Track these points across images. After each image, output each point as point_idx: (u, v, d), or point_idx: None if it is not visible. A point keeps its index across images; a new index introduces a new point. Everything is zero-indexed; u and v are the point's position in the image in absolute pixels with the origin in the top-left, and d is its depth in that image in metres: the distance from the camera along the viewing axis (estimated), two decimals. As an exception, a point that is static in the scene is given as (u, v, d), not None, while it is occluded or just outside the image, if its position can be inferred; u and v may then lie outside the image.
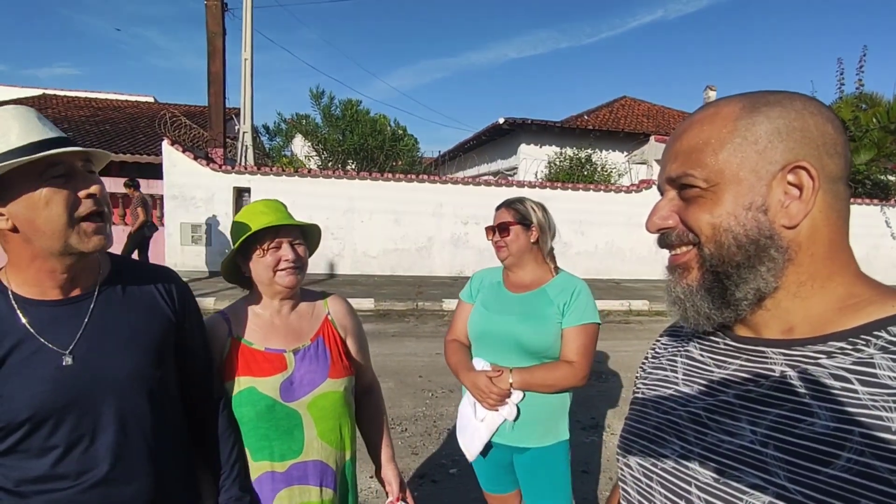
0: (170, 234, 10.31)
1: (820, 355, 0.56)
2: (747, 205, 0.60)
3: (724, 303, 0.63)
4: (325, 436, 1.35)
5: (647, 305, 8.78)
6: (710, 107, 0.65)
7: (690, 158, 0.63)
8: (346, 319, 1.48)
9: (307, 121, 16.87)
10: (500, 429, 1.71)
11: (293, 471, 1.31)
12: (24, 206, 0.92)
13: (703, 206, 0.63)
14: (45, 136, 0.93)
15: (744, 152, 0.60)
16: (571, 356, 1.68)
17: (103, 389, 1.00)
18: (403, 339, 6.39)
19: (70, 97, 19.76)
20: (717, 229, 0.61)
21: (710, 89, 17.83)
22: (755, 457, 0.55)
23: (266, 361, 1.31)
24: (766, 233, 0.59)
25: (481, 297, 1.86)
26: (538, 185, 11.40)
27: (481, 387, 1.67)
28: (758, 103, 0.61)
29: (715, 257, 0.62)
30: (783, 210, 0.59)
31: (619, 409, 4.29)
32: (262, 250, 1.31)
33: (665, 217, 0.67)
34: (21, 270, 0.99)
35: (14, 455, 0.96)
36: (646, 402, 0.74)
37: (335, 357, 1.38)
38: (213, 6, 11.19)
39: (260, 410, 1.27)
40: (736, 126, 0.61)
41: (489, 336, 1.77)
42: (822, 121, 0.60)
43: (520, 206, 1.83)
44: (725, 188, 0.61)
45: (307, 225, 1.40)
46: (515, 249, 1.78)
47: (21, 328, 0.97)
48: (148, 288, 1.14)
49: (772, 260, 0.60)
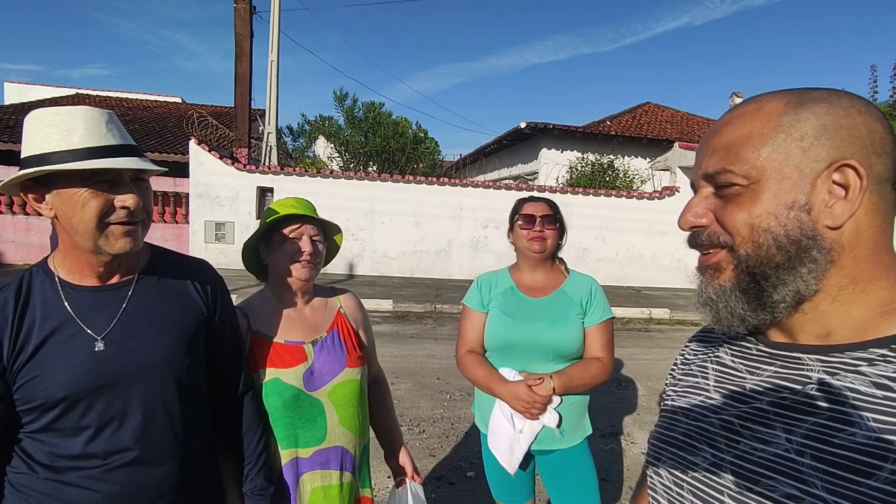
0: (194, 231, 10.51)
1: (860, 362, 0.54)
2: (790, 203, 0.57)
3: (761, 304, 0.60)
4: (346, 422, 1.40)
5: (667, 314, 8.65)
6: (752, 102, 0.63)
7: (730, 154, 0.61)
8: (357, 313, 1.56)
9: (330, 122, 17.03)
10: (543, 436, 1.67)
11: (317, 456, 1.37)
12: (65, 202, 0.96)
13: (741, 205, 0.60)
14: (106, 142, 0.97)
15: (788, 149, 0.58)
16: (598, 352, 1.71)
17: (134, 375, 1.04)
18: (421, 341, 6.40)
19: (102, 97, 20.35)
20: (756, 230, 0.59)
21: (737, 96, 17.51)
22: (791, 466, 0.53)
23: (287, 353, 1.35)
24: (809, 233, 0.57)
25: (499, 304, 1.77)
26: (559, 189, 11.33)
27: (524, 397, 1.61)
28: (803, 99, 0.59)
29: (752, 258, 0.60)
30: (827, 210, 0.57)
31: (639, 416, 4.23)
32: (282, 236, 1.37)
33: (700, 214, 0.64)
34: (66, 257, 1.05)
35: (49, 433, 1.00)
36: (676, 409, 0.73)
37: (350, 348, 1.44)
38: (241, 9, 11.41)
39: (286, 400, 1.32)
40: (780, 122, 0.59)
41: (517, 345, 1.71)
42: (870, 119, 0.57)
43: (555, 204, 1.82)
44: (766, 186, 0.58)
45: (330, 224, 1.47)
46: (551, 245, 1.76)
47: (65, 312, 1.01)
48: (183, 279, 1.18)
49: (814, 261, 0.57)
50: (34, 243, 10.51)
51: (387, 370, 1.77)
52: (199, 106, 19.18)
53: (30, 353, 0.98)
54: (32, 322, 0.99)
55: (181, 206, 11.25)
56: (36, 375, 0.97)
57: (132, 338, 1.05)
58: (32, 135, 0.96)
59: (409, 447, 1.63)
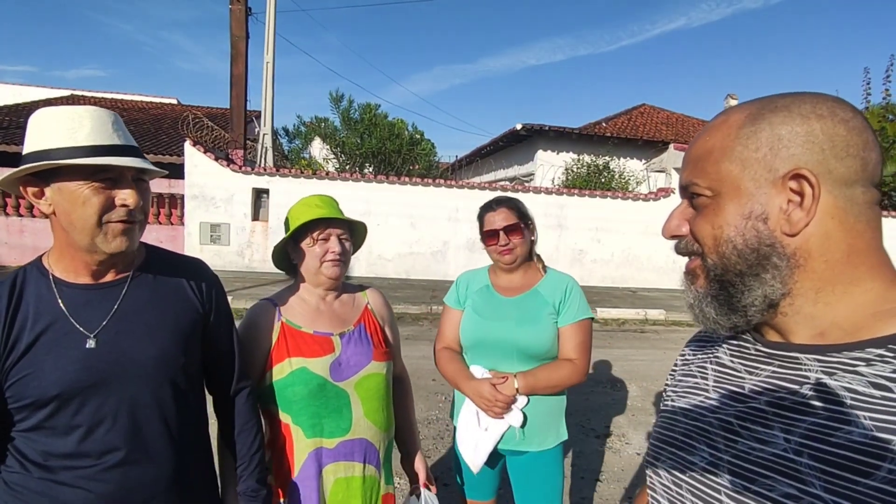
0: (189, 233, 10.48)
1: (858, 362, 0.54)
2: (747, 214, 0.60)
3: (731, 309, 0.63)
4: (371, 415, 1.41)
5: (663, 315, 8.67)
6: (722, 114, 0.65)
7: (697, 167, 0.64)
8: (384, 310, 1.59)
9: (326, 124, 17.04)
10: (509, 436, 1.67)
11: (341, 447, 1.37)
12: (66, 198, 0.97)
13: (706, 216, 0.63)
14: (111, 141, 0.99)
15: (744, 161, 0.60)
16: (571, 354, 1.65)
17: (127, 373, 1.04)
18: (417, 342, 6.40)
19: (97, 98, 20.26)
20: (718, 240, 0.62)
21: (732, 98, 17.61)
22: (789, 465, 0.54)
23: (315, 343, 1.38)
24: (767, 241, 0.59)
25: (471, 302, 1.78)
26: (555, 191, 11.36)
27: (486, 395, 1.61)
28: (763, 110, 0.60)
29: (718, 266, 0.63)
30: (785, 218, 0.58)
31: (634, 417, 4.24)
32: (312, 239, 1.41)
33: (677, 225, 0.68)
34: (62, 254, 1.05)
35: (42, 431, 1.00)
36: (675, 409, 0.74)
37: (376, 342, 1.47)
38: (237, 10, 11.40)
39: (312, 389, 1.33)
40: (738, 134, 0.61)
41: (486, 343, 1.70)
42: (830, 123, 0.57)
43: (519, 203, 1.74)
44: (727, 197, 0.61)
45: (356, 222, 1.49)
46: (522, 252, 1.70)
47: (57, 309, 1.01)
48: (178, 277, 1.18)
49: (775, 267, 0.59)
50: (28, 245, 10.46)
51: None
52: (194, 107, 19.14)
53: (22, 350, 0.98)
54: (25, 319, 0.99)
55: (176, 208, 11.20)
56: (28, 373, 0.97)
57: (126, 336, 1.05)
58: (37, 131, 0.97)
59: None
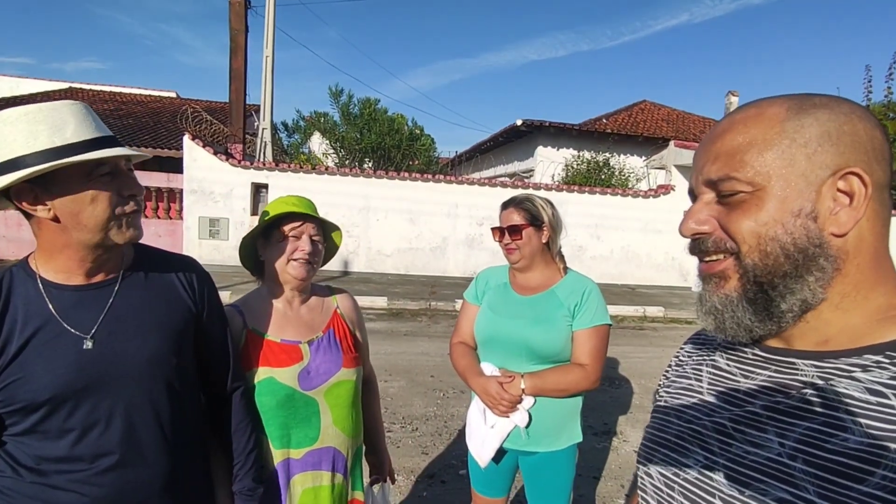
0: (188, 227, 10.46)
1: (854, 368, 0.54)
2: (796, 211, 0.57)
3: (768, 314, 0.60)
4: (339, 423, 1.40)
5: (662, 312, 8.68)
6: (752, 107, 0.62)
7: (734, 160, 0.59)
8: (354, 314, 1.55)
9: (325, 119, 16.96)
10: (514, 435, 1.66)
11: (308, 457, 1.36)
12: (70, 200, 0.94)
13: (746, 212, 0.59)
14: (97, 134, 0.96)
15: (792, 155, 0.57)
16: (583, 359, 1.63)
17: (122, 374, 1.02)
18: (416, 338, 6.40)
19: (95, 91, 20.17)
20: (762, 238, 0.58)
21: (732, 94, 17.55)
22: (783, 470, 0.53)
23: (283, 352, 1.34)
24: (816, 241, 0.56)
25: (487, 298, 1.80)
26: (554, 187, 11.34)
27: (492, 393, 1.61)
28: (805, 105, 0.59)
29: (759, 268, 0.59)
30: (832, 217, 0.56)
31: (632, 415, 4.24)
32: (282, 233, 1.37)
33: (702, 221, 0.63)
34: (52, 257, 1.02)
35: (34, 435, 0.98)
36: (668, 410, 0.73)
37: (346, 348, 1.44)
38: (236, 3, 11.34)
39: (280, 399, 1.31)
40: (784, 127, 0.58)
41: (497, 340, 1.71)
42: (870, 126, 0.57)
43: (529, 204, 1.73)
44: (771, 192, 0.58)
45: (331, 224, 1.46)
46: (528, 252, 1.70)
47: (47, 312, 0.99)
48: (169, 276, 1.16)
49: (821, 269, 0.57)
50: (26, 238, 10.42)
51: (380, 368, 1.78)
52: (193, 101, 19.04)
53: (12, 354, 0.96)
54: (14, 323, 0.97)
55: (175, 202, 11.17)
56: (19, 377, 0.95)
57: (118, 337, 1.03)
58: (12, 135, 0.90)
59: (402, 445, 1.65)
